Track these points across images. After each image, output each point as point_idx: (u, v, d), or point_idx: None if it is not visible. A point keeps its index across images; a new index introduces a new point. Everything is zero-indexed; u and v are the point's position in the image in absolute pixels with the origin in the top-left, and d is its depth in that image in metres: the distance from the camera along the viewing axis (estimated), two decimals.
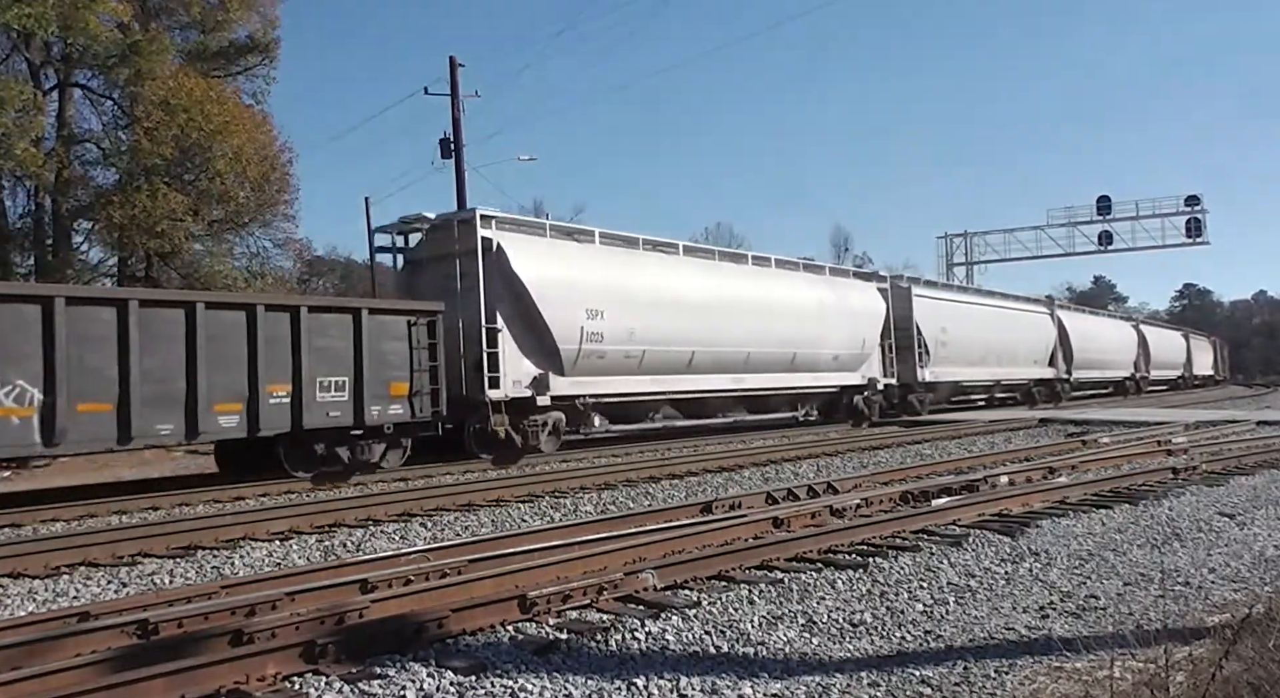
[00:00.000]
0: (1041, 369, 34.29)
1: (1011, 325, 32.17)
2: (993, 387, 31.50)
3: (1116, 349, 42.92)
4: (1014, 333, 32.11)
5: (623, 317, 17.14)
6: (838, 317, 22.85)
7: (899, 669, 4.54)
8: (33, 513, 10.30)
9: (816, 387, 22.76)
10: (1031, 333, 33.86)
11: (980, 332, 29.44)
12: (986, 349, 29.73)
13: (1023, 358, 32.70)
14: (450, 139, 27.49)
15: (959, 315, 28.82)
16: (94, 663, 4.31)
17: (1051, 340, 34.94)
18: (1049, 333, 35.04)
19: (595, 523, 8.36)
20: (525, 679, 4.30)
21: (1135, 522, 8.27)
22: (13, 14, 22.70)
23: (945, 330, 27.20)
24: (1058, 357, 35.34)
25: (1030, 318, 34.61)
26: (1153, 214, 49.18)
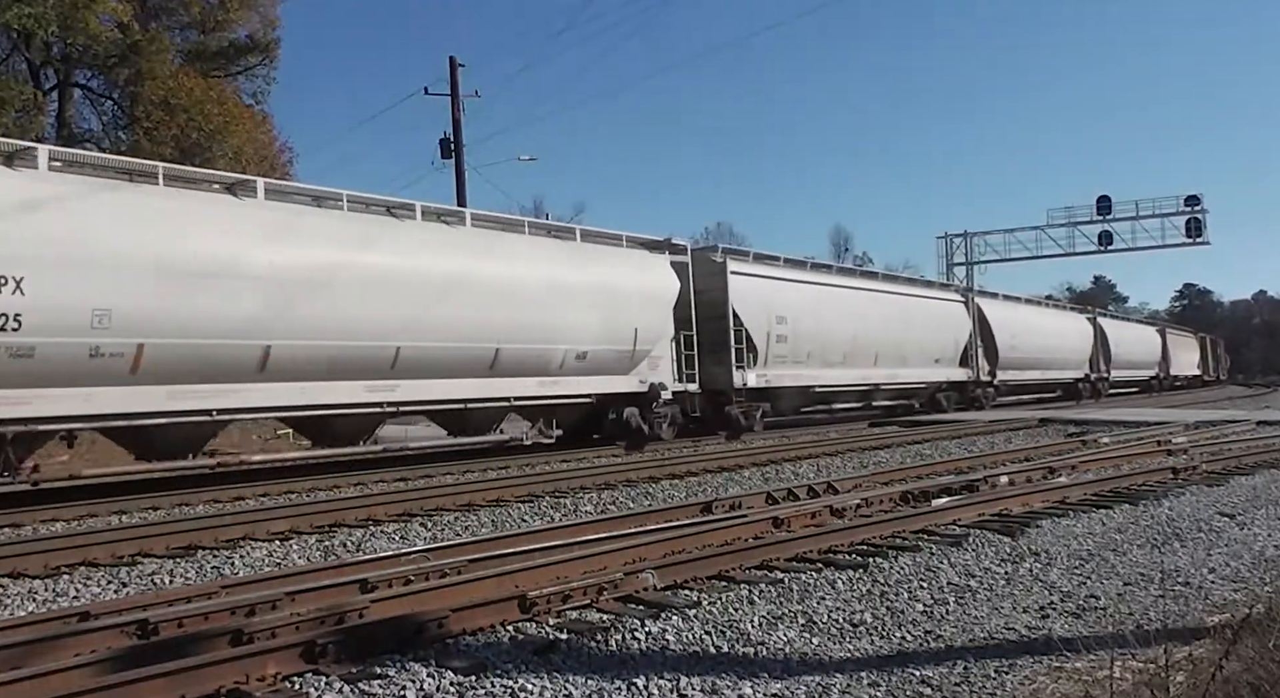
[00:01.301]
0: (948, 370, 28.48)
1: (898, 316, 25.99)
2: (870, 392, 25.22)
3: (1062, 346, 36.89)
4: (903, 325, 25.94)
5: None
6: (589, 298, 16.69)
7: (899, 669, 4.54)
8: (33, 513, 10.29)
9: (539, 397, 16.24)
10: (933, 326, 27.69)
11: (844, 323, 23.45)
12: (854, 345, 23.72)
13: (916, 356, 26.64)
14: (450, 139, 27.53)
15: (808, 301, 22.43)
16: (94, 663, 4.31)
17: (964, 335, 29.21)
18: (961, 326, 29.34)
19: (595, 523, 8.36)
20: (525, 679, 4.30)
21: (1135, 522, 8.27)
22: (13, 14, 22.73)
23: (784, 320, 21.13)
24: (975, 355, 29.92)
25: (931, 308, 28.27)
26: (1153, 214, 48.93)
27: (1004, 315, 32.57)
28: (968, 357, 29.68)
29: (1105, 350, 41.22)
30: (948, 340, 28.64)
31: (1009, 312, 33.79)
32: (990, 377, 30.90)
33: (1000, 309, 32.94)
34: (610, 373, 17.41)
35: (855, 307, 24.32)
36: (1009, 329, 32.00)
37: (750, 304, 20.53)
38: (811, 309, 22.42)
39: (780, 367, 21.33)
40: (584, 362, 16.82)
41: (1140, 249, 50.73)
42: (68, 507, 10.66)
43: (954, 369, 29.10)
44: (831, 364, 23.14)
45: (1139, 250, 50.74)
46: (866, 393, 25.17)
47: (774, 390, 21.22)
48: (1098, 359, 40.45)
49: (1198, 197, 48.74)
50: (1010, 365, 32.03)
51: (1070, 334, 38.46)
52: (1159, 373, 49.94)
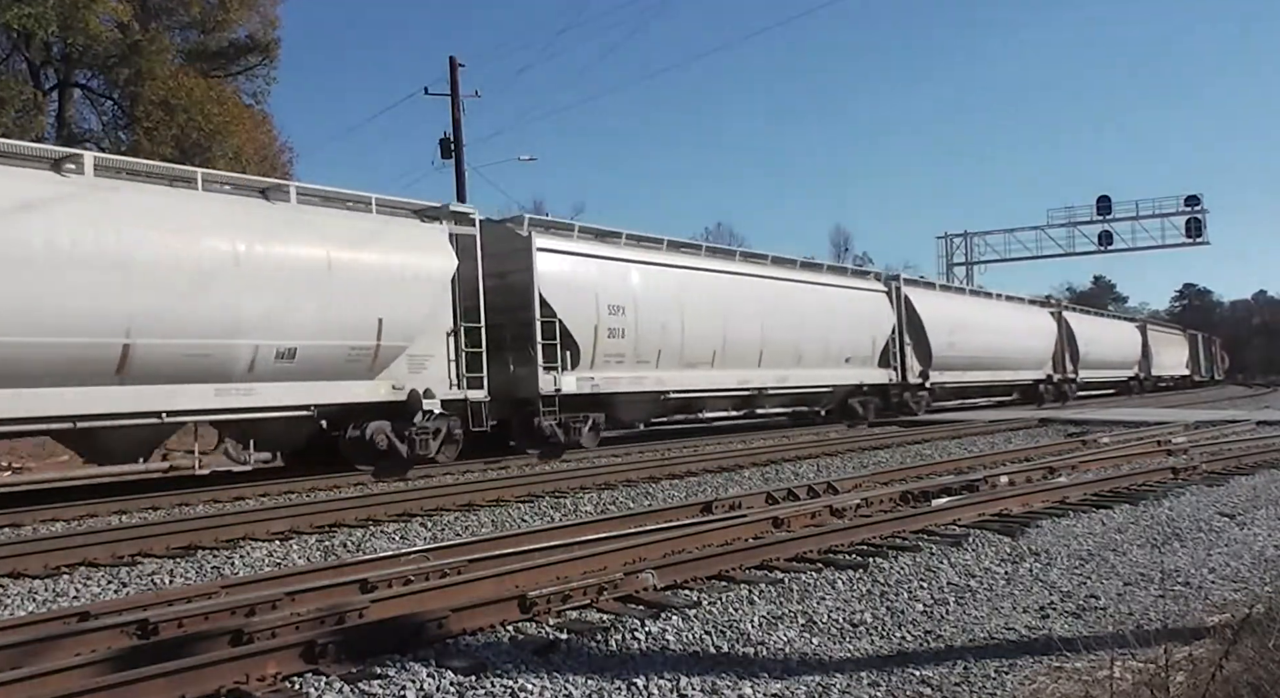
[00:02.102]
0: (863, 371, 24.27)
1: (792, 307, 21.64)
2: (752, 398, 21.10)
3: (1017, 344, 32.46)
4: (798, 318, 21.71)
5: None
6: (303, 277, 12.56)
7: (899, 669, 4.54)
8: (33, 513, 10.29)
9: (215, 411, 12.16)
10: (843, 320, 23.39)
11: (713, 315, 19.26)
12: (728, 343, 19.71)
13: (818, 355, 22.47)
14: (450, 139, 27.53)
15: (661, 288, 18.27)
16: (94, 663, 4.31)
17: (886, 331, 25.09)
18: (880, 321, 25.09)
19: (595, 523, 8.36)
20: (525, 679, 4.30)
21: (1135, 522, 8.27)
22: (13, 14, 22.74)
23: (620, 311, 17.16)
24: (901, 354, 25.78)
25: (841, 299, 23.80)
26: (1153, 214, 49.25)
27: (939, 309, 27.76)
28: (887, 355, 25.08)
29: (1072, 348, 36.76)
30: (862, 337, 24.09)
31: (946, 304, 28.82)
32: (922, 378, 26.43)
33: (934, 301, 28.04)
34: (339, 378, 13.02)
35: (730, 296, 19.80)
36: (946, 325, 27.28)
37: (570, 290, 16.37)
38: (664, 298, 18.16)
39: (614, 368, 17.01)
40: (292, 362, 12.43)
41: (1140, 249, 51.03)
42: (68, 507, 10.66)
43: (870, 370, 24.48)
44: (694, 365, 18.70)
45: (1139, 250, 51.14)
46: (748, 399, 20.96)
47: (608, 397, 17.09)
48: (1062, 358, 36.00)
49: (1198, 197, 49.04)
50: (948, 366, 27.37)
51: (1027, 330, 33.45)
52: (1138, 373, 45.61)
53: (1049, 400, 33.61)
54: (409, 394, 13.80)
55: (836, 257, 68.55)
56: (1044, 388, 34.40)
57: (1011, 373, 32.27)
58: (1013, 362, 31.93)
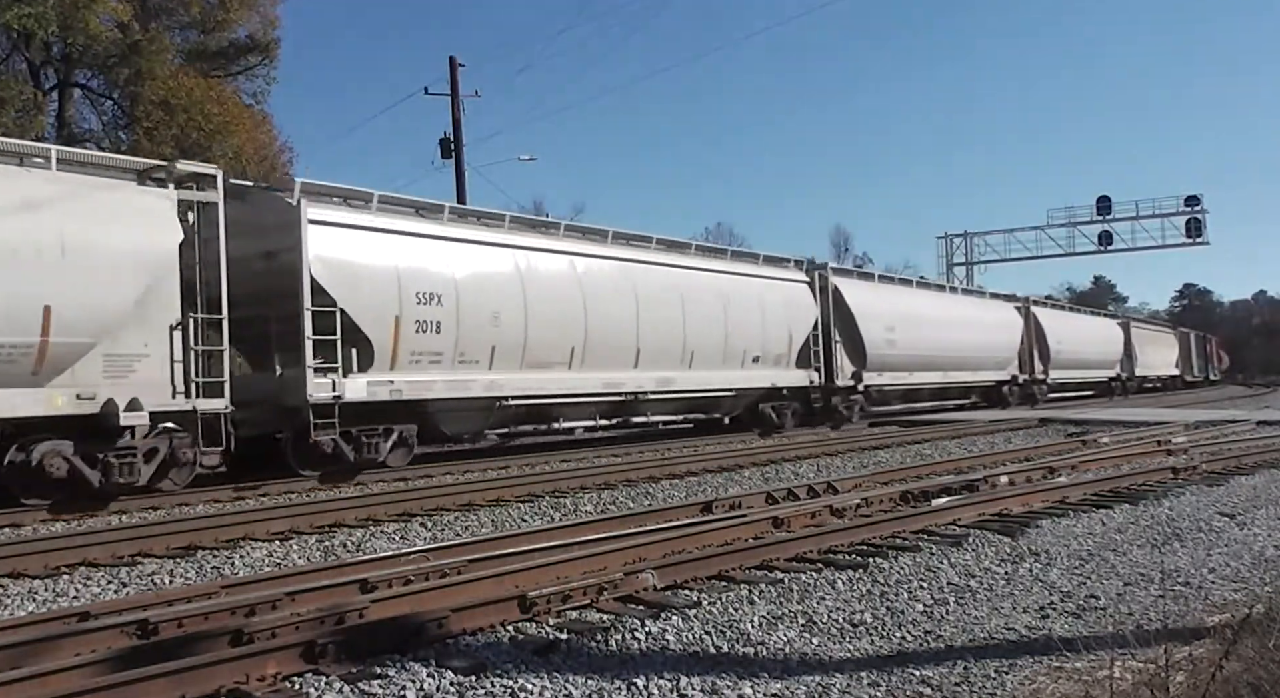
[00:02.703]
0: (777, 373, 20.85)
1: (683, 300, 18.39)
2: (626, 403, 17.35)
3: (976, 342, 28.57)
4: (691, 310, 18.46)
5: None
6: None
7: (899, 669, 4.54)
8: (33, 513, 10.29)
9: None
10: (751, 314, 20.07)
11: (573, 307, 16.21)
12: (592, 339, 16.43)
13: (715, 355, 19.10)
14: (450, 139, 27.52)
15: (499, 274, 15.21)
16: (94, 663, 4.31)
17: (806, 327, 21.63)
18: (801, 314, 21.61)
19: (595, 523, 8.36)
20: (525, 679, 4.30)
21: (1135, 522, 8.27)
22: (13, 14, 22.75)
23: (434, 300, 13.95)
24: (826, 352, 22.34)
25: (749, 289, 20.37)
26: (1153, 214, 49.24)
27: (876, 302, 24.41)
28: (810, 355, 21.67)
29: (1042, 347, 33.66)
30: (776, 333, 20.72)
31: (885, 297, 25.34)
32: (854, 380, 23.12)
33: (870, 293, 24.66)
34: None
35: (597, 284, 16.78)
36: (883, 319, 23.98)
37: (358, 274, 13.25)
38: (499, 285, 15.11)
39: (427, 369, 13.95)
40: None
41: (1140, 249, 51.02)
42: (70, 507, 10.64)
43: (788, 372, 21.11)
44: (545, 366, 15.72)
45: (1139, 250, 51.12)
46: (621, 405, 17.44)
47: (420, 406, 14.09)
48: (1030, 357, 32.92)
49: (1198, 197, 49.03)
50: (887, 365, 24.10)
51: (988, 327, 29.83)
52: (1120, 373, 42.24)
53: (1014, 404, 30.78)
54: (104, 406, 10.61)
55: (836, 257, 68.22)
56: (1008, 390, 31.14)
57: (970, 374, 28.69)
58: (971, 361, 28.46)
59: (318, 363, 12.65)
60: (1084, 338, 38.12)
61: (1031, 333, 33.18)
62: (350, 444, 13.08)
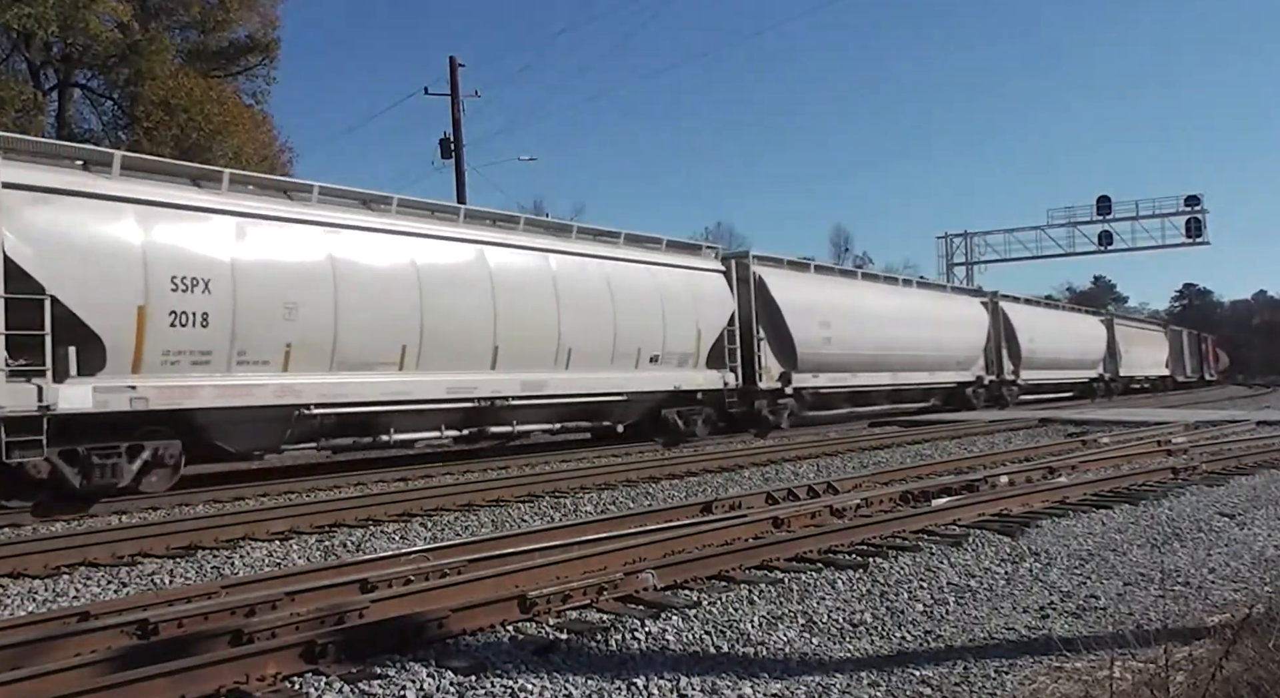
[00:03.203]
0: (682, 374, 18.18)
1: (557, 287, 15.96)
2: (485, 410, 14.80)
3: (933, 340, 26.12)
4: (567, 302, 15.99)
5: None
6: None
7: (899, 669, 4.54)
8: (32, 513, 10.28)
9: None
10: (651, 306, 17.59)
11: (419, 295, 13.82)
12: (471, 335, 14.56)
13: (598, 353, 16.57)
14: (450, 139, 27.54)
15: (289, 251, 12.61)
16: (94, 663, 4.31)
17: (721, 323, 19.07)
18: (714, 308, 18.96)
19: (595, 523, 8.36)
20: (525, 679, 4.30)
21: (1135, 522, 8.27)
22: (13, 14, 22.76)
23: (203, 287, 11.51)
24: (746, 351, 19.76)
25: (644, 276, 17.81)
26: (1153, 214, 49.26)
27: (808, 295, 21.80)
28: (725, 354, 19.26)
29: (1013, 346, 31.25)
30: (682, 330, 18.13)
31: (820, 290, 22.65)
32: (782, 382, 20.49)
33: (801, 286, 21.93)
34: None
35: (444, 272, 14.25)
36: (818, 315, 21.53)
37: (82, 254, 10.70)
38: (297, 269, 12.57)
39: (189, 372, 11.42)
40: None
41: (1140, 249, 51.03)
42: (52, 509, 10.64)
43: (696, 373, 18.55)
44: (366, 367, 13.16)
45: (1139, 250, 51.13)
46: (477, 413, 14.79)
47: (181, 417, 11.51)
48: (998, 357, 30.60)
49: (1198, 197, 49.06)
50: (823, 366, 21.61)
51: (949, 324, 27.37)
52: (1103, 374, 39.71)
53: (979, 407, 28.52)
54: None
55: (836, 257, 67.91)
56: (973, 392, 28.73)
57: (927, 375, 26.12)
58: (927, 361, 25.95)
59: (17, 365, 10.11)
60: (1060, 336, 35.53)
61: (1000, 330, 30.78)
62: (76, 466, 10.53)
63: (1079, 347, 37.43)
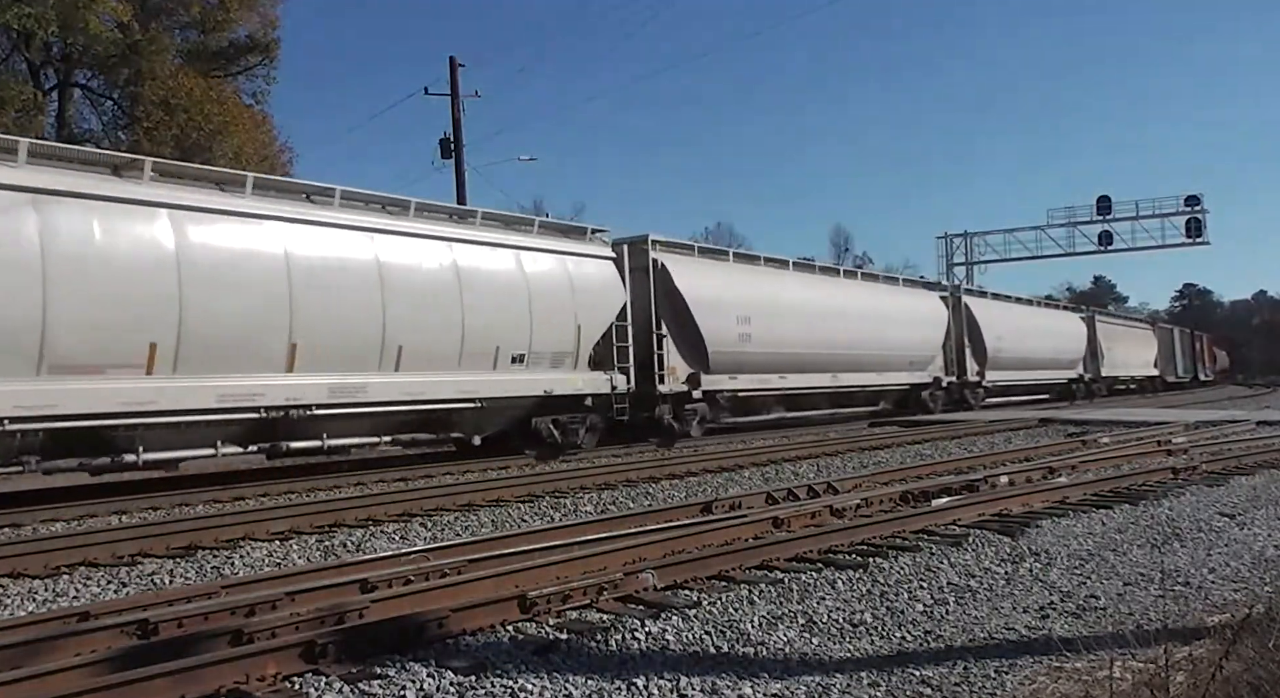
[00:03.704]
0: (563, 377, 15.95)
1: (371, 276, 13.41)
2: (277, 421, 12.38)
3: (881, 340, 23.91)
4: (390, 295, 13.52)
5: None
6: None
7: (899, 669, 4.54)
8: (32, 513, 10.29)
9: None
10: (514, 301, 15.28)
11: (177, 282, 11.38)
12: (258, 329, 12.19)
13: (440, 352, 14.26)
14: (450, 139, 27.54)
15: None
16: (94, 663, 4.31)
17: (608, 317, 16.86)
18: (600, 302, 16.71)
19: (595, 523, 8.36)
20: (525, 679, 4.30)
21: (1135, 522, 8.27)
22: (13, 14, 22.77)
23: None
24: (651, 351, 17.80)
25: (510, 264, 15.44)
26: (1153, 214, 49.31)
27: (722, 287, 19.37)
28: (613, 353, 16.89)
29: (977, 344, 28.98)
30: (555, 325, 15.79)
31: (738, 281, 20.08)
32: (690, 385, 18.25)
33: (714, 277, 19.48)
34: None
35: (219, 253, 11.88)
36: (734, 310, 19.24)
37: None
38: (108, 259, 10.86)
39: None
40: None
41: (1140, 249, 51.07)
42: (68, 507, 10.65)
43: (574, 375, 16.21)
44: (95, 370, 10.83)
45: (1139, 250, 51.19)
46: (268, 425, 12.40)
47: None
48: (960, 356, 28.34)
49: (1198, 197, 49.12)
50: (743, 367, 19.40)
51: (901, 320, 25.13)
52: (1083, 374, 37.44)
53: (937, 410, 26.36)
54: None
55: (836, 257, 67.70)
56: (930, 395, 26.52)
57: (874, 376, 23.98)
58: (872, 360, 23.70)
59: None
60: (1033, 334, 32.99)
61: (963, 327, 28.52)
62: None
63: (1055, 345, 35.15)
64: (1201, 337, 64.45)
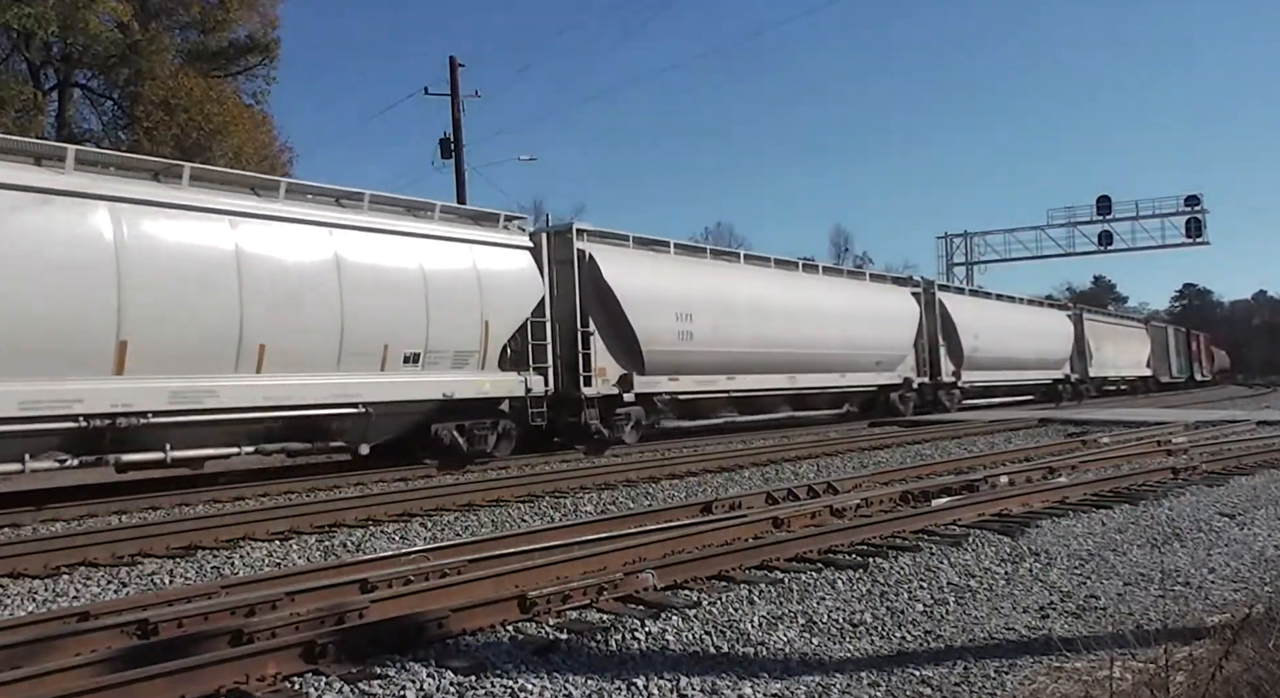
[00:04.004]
0: (467, 378, 14.39)
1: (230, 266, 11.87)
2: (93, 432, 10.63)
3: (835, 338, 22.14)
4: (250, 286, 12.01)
5: None
6: None
7: (899, 669, 4.54)
8: (32, 513, 10.29)
9: None
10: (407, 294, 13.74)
11: None
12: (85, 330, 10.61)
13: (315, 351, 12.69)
14: (450, 139, 27.53)
15: None
16: (94, 663, 4.31)
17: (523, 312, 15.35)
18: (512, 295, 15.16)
19: (595, 523, 8.36)
20: (525, 679, 4.30)
21: (1135, 522, 8.27)
22: (13, 14, 22.78)
23: None
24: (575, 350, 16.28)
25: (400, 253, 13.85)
26: (1153, 214, 49.31)
27: (661, 282, 17.92)
28: (529, 352, 15.42)
29: (952, 343, 27.42)
30: (457, 322, 14.17)
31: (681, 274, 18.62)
32: (621, 387, 17.02)
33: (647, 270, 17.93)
34: None
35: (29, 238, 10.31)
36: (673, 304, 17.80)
37: None
38: None
39: None
40: None
41: (1140, 249, 51.06)
42: (68, 507, 10.65)
43: (480, 376, 14.60)
44: None
45: (1139, 250, 51.17)
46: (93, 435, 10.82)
47: None
48: (934, 356, 26.88)
49: (1198, 197, 49.11)
50: (683, 367, 17.97)
51: (866, 318, 23.54)
52: (1069, 375, 35.83)
53: (908, 413, 24.99)
54: None
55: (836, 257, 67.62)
56: (899, 397, 25.12)
57: (835, 377, 22.46)
58: (834, 360, 22.22)
59: None
60: (1014, 333, 31.33)
61: (937, 325, 26.97)
62: None
63: (1039, 345, 33.48)
64: (1198, 336, 63.35)
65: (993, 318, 30.64)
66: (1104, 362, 39.27)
